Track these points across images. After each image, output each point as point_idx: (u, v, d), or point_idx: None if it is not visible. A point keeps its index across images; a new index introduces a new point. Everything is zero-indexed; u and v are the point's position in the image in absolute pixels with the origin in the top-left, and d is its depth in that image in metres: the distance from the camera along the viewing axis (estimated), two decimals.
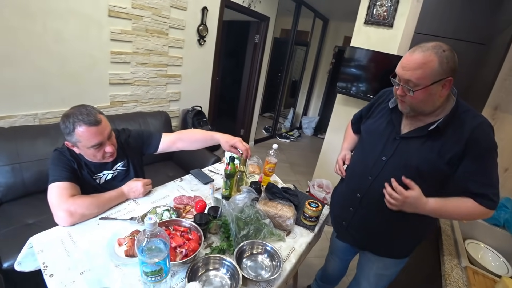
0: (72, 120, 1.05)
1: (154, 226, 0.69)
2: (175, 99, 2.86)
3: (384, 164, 1.05)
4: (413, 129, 1.01)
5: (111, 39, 2.11)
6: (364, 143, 1.20)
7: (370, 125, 1.17)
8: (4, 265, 1.30)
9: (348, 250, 1.44)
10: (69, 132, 1.06)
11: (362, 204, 1.14)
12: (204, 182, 1.52)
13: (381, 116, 1.14)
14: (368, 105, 1.27)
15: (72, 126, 1.05)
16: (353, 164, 1.26)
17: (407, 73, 0.90)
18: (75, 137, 1.07)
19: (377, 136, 1.11)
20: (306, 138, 5.64)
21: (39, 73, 1.83)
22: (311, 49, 5.39)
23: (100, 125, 1.09)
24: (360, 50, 2.55)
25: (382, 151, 1.07)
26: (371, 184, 1.08)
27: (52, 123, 1.94)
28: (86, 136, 1.07)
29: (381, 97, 1.21)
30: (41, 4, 1.72)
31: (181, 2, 2.50)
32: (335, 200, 1.36)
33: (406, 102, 0.96)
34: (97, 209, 1.12)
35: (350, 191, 1.19)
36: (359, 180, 1.14)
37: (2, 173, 1.60)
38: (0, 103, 1.72)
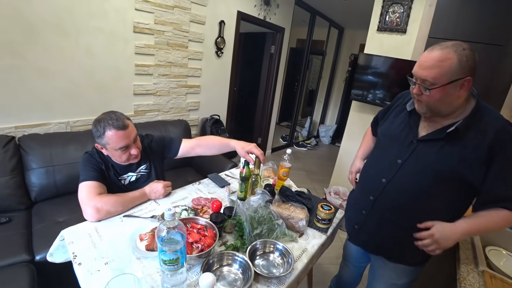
0: (103, 124, 1.16)
1: (173, 217, 0.75)
2: (195, 108, 2.98)
3: (399, 167, 1.03)
4: (431, 132, 0.98)
5: (135, 53, 2.27)
6: (379, 146, 1.20)
7: (386, 128, 1.16)
8: (36, 257, 1.42)
9: (361, 256, 1.41)
10: (99, 135, 1.17)
11: (374, 207, 1.12)
12: (221, 185, 1.58)
13: (398, 118, 1.12)
14: (385, 108, 1.26)
15: (103, 130, 1.16)
16: (367, 166, 1.26)
17: (424, 71, 0.87)
18: (104, 139, 1.17)
19: (393, 138, 1.09)
20: (323, 146, 5.61)
21: (71, 85, 2.00)
22: (327, 58, 5.43)
23: (127, 129, 1.20)
24: (374, 57, 2.57)
25: (397, 154, 1.04)
26: (385, 187, 1.06)
27: (82, 130, 2.10)
28: (114, 139, 1.17)
29: (398, 99, 1.19)
30: (75, 23, 1.90)
31: (200, 17, 2.65)
32: (349, 203, 1.35)
33: (422, 101, 0.93)
34: (122, 207, 1.21)
35: (363, 194, 1.18)
36: (373, 183, 1.12)
37: (38, 175, 1.76)
38: (37, 112, 1.90)
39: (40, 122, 1.93)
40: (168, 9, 2.37)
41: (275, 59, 3.85)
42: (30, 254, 1.42)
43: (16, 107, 1.80)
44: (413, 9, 2.35)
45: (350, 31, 5.33)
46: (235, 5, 2.96)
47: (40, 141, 1.82)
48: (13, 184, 1.68)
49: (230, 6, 2.91)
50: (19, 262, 1.36)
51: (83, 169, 1.23)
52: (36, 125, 1.92)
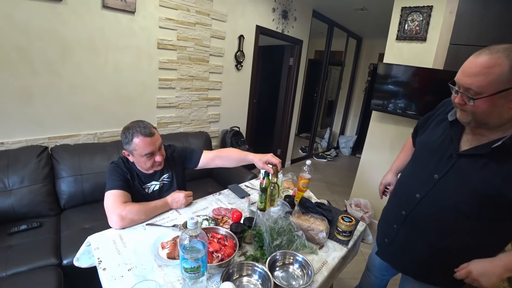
0: (132, 131, 1.24)
1: (196, 225, 0.77)
2: (215, 120, 3.05)
3: (435, 182, 0.95)
4: (474, 146, 0.88)
5: (159, 68, 2.39)
6: (416, 158, 1.12)
7: (425, 138, 1.08)
8: (64, 261, 1.49)
9: (385, 268, 1.34)
10: (127, 142, 1.25)
11: (406, 223, 1.05)
12: (241, 196, 1.59)
13: (438, 129, 1.03)
14: (425, 117, 1.17)
15: (131, 136, 1.24)
16: (402, 179, 1.19)
17: (468, 79, 0.77)
18: (132, 145, 1.24)
19: (431, 151, 1.00)
20: (343, 157, 5.51)
21: (99, 98, 2.12)
22: (346, 68, 5.41)
23: (153, 136, 1.27)
24: (394, 66, 2.53)
25: (434, 168, 0.96)
26: (419, 202, 0.99)
27: (108, 141, 2.21)
28: (141, 145, 1.24)
29: (440, 107, 1.10)
30: (105, 41, 2.04)
31: (220, 32, 2.74)
32: (382, 215, 1.30)
33: (466, 111, 0.83)
34: (144, 215, 1.24)
35: (395, 207, 1.12)
36: (406, 197, 1.05)
37: (67, 183, 1.86)
38: (68, 124, 2.03)
39: (71, 134, 2.06)
40: (190, 26, 2.48)
41: (294, 71, 3.88)
42: (58, 258, 1.49)
43: (50, 120, 1.94)
44: (433, 16, 2.31)
45: (368, 41, 5.30)
46: (254, 20, 3.05)
47: (70, 151, 1.93)
48: (45, 192, 1.78)
49: (249, 21, 3.00)
50: (48, 266, 1.42)
51: (109, 178, 1.29)
52: (67, 136, 2.04)
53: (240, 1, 2.84)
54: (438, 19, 2.29)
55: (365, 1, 3.22)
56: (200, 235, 0.79)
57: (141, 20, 2.17)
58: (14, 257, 1.42)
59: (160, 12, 2.27)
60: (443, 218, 0.94)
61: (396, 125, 2.68)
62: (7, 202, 1.64)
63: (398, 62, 2.53)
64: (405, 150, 1.38)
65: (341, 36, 4.74)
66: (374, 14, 3.60)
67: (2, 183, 1.65)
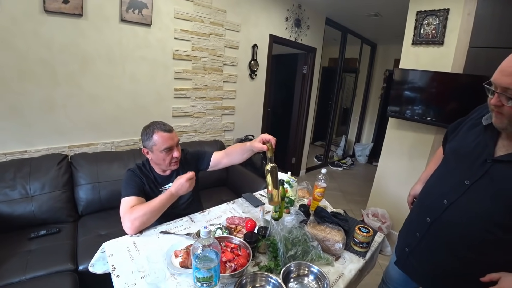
0: (152, 128, 1.32)
1: (209, 234, 0.76)
2: (230, 129, 3.07)
3: (466, 189, 0.89)
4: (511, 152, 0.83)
5: (174, 78, 2.44)
6: (446, 163, 1.06)
7: (457, 143, 1.02)
8: (80, 267, 1.51)
9: (404, 281, 1.25)
10: (148, 138, 1.31)
11: (431, 231, 0.99)
12: (255, 205, 1.57)
13: (471, 133, 0.98)
14: (457, 122, 1.12)
15: (152, 132, 1.31)
16: (428, 184, 1.12)
17: (507, 78, 0.73)
18: (152, 141, 1.30)
19: (462, 156, 0.95)
20: (359, 166, 5.38)
21: (117, 108, 2.18)
22: (361, 75, 5.34)
23: (172, 132, 1.35)
24: (410, 72, 2.47)
25: (466, 174, 0.90)
26: (446, 209, 0.93)
27: (125, 150, 2.26)
28: (161, 140, 1.30)
29: (474, 112, 1.05)
30: (122, 53, 2.11)
31: (234, 42, 2.78)
32: (404, 225, 1.23)
33: (504, 114, 0.79)
34: (151, 213, 1.20)
35: (419, 214, 1.06)
36: (432, 203, 0.99)
37: (85, 190, 1.91)
38: (87, 133, 2.10)
39: (89, 142, 2.12)
40: (204, 36, 2.53)
41: (308, 79, 3.87)
42: (74, 263, 1.52)
43: (70, 129, 2.01)
44: (450, 19, 2.24)
45: (383, 47, 5.23)
46: (267, 29, 3.08)
47: (89, 160, 1.98)
48: (64, 198, 1.84)
49: (262, 30, 3.03)
50: (64, 271, 1.45)
51: (124, 186, 1.31)
52: (86, 145, 2.10)
53: (253, 11, 2.88)
54: (456, 22, 2.22)
55: (378, 6, 3.19)
56: (213, 244, 0.78)
57: (157, 32, 2.24)
58: (33, 261, 1.46)
59: (175, 24, 2.33)
60: (472, 227, 0.88)
61: (414, 131, 2.60)
62: (28, 208, 1.70)
63: (415, 67, 2.47)
64: (436, 159, 1.29)
65: (355, 43, 4.71)
66: (388, 19, 3.55)
67: (24, 189, 1.71)
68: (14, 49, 1.70)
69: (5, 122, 1.76)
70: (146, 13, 2.13)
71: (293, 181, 1.49)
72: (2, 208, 1.64)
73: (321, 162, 5.01)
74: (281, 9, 3.15)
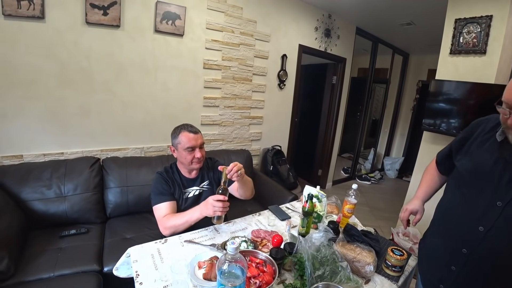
0: (180, 128, 1.43)
1: (236, 250, 0.72)
2: (257, 139, 3.06)
3: (500, 211, 0.83)
4: None
5: (204, 87, 2.48)
6: (463, 183, 0.98)
7: (471, 162, 0.96)
8: (104, 269, 1.54)
9: None
10: (175, 136, 1.42)
11: (470, 263, 0.89)
12: (281, 218, 1.52)
13: (485, 151, 0.93)
14: (459, 140, 1.07)
15: (179, 132, 1.42)
16: (451, 210, 1.03)
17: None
18: (178, 139, 1.41)
19: (484, 175, 0.89)
20: (389, 180, 5.13)
21: (147, 115, 2.25)
22: (392, 86, 5.13)
23: (197, 134, 1.44)
24: (447, 83, 2.31)
25: (495, 195, 0.85)
26: (485, 236, 0.85)
27: (153, 155, 2.31)
28: (185, 140, 1.39)
29: (477, 127, 1.01)
30: (155, 62, 2.18)
31: (263, 52, 2.79)
32: (425, 251, 1.13)
33: None
34: (181, 226, 1.29)
35: (450, 244, 0.96)
36: (465, 231, 0.91)
37: (114, 193, 1.96)
38: (119, 138, 2.17)
39: (121, 147, 2.19)
40: (235, 46, 2.56)
41: (337, 90, 3.78)
42: (99, 264, 1.55)
43: (103, 133, 2.10)
44: (493, 27, 2.08)
45: (416, 57, 5.00)
46: (297, 39, 3.06)
47: (119, 164, 2.05)
48: (94, 200, 1.90)
49: (292, 40, 3.02)
50: (90, 271, 1.48)
51: (154, 191, 1.40)
52: (117, 149, 2.18)
53: (283, 22, 2.88)
54: (500, 29, 2.06)
55: (412, 15, 3.07)
56: (239, 261, 0.74)
57: (189, 42, 2.30)
58: (62, 259, 1.51)
59: (207, 34, 2.38)
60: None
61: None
62: (61, 207, 1.78)
63: (453, 78, 2.32)
64: (430, 176, 1.25)
65: (386, 52, 4.56)
66: (422, 28, 3.40)
67: (59, 189, 1.79)
68: (57, 58, 1.82)
69: (46, 125, 1.88)
70: (179, 24, 2.20)
71: (322, 195, 1.43)
72: (38, 206, 1.72)
73: (348, 175, 4.83)
74: (311, 19, 3.13)
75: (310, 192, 1.36)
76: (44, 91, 1.83)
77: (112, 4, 1.89)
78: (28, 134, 1.84)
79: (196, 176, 1.52)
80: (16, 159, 1.83)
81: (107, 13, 1.89)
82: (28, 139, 1.85)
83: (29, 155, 1.87)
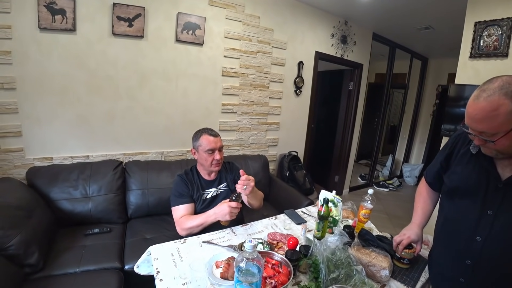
0: (201, 131, 1.51)
1: (254, 248, 0.76)
2: (273, 145, 3.09)
3: (492, 219, 0.85)
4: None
5: (222, 94, 2.56)
6: (456, 197, 0.98)
7: (457, 177, 0.97)
8: (126, 266, 1.61)
9: None
10: (196, 139, 1.50)
11: (476, 274, 0.90)
12: (297, 222, 1.54)
13: (465, 164, 0.95)
14: (444, 156, 1.06)
15: (200, 134, 1.49)
16: (444, 225, 1.04)
17: (479, 125, 0.76)
18: (199, 142, 1.48)
19: (471, 187, 0.91)
20: (407, 188, 4.99)
21: (168, 121, 2.34)
22: (410, 91, 5.02)
23: (217, 138, 1.51)
24: (468, 87, 2.26)
25: (484, 204, 0.87)
26: (483, 246, 0.86)
27: (173, 160, 2.39)
28: (205, 142, 1.47)
29: (455, 143, 1.02)
30: (176, 70, 2.28)
31: (280, 59, 2.84)
32: (434, 267, 1.13)
33: (489, 148, 0.81)
34: (196, 228, 1.36)
35: (454, 257, 0.97)
36: (464, 243, 0.92)
37: (135, 195, 2.05)
38: (141, 143, 2.27)
39: (142, 151, 2.29)
40: (252, 54, 2.63)
41: (354, 96, 3.76)
42: (121, 262, 1.62)
43: (126, 138, 2.21)
44: None
45: (435, 61, 4.89)
46: (313, 46, 3.09)
47: (141, 167, 2.14)
48: (117, 201, 1.99)
49: (308, 47, 3.05)
50: (112, 268, 1.56)
51: (174, 193, 1.48)
52: (139, 153, 2.28)
53: (300, 29, 2.92)
54: None
55: (430, 19, 3.03)
56: (256, 259, 0.77)
57: (208, 50, 2.39)
58: (87, 256, 1.60)
59: (225, 43, 2.46)
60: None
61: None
62: (86, 207, 1.88)
63: (473, 82, 2.26)
64: (423, 198, 1.22)
65: (404, 57, 4.48)
66: (441, 32, 3.34)
67: (85, 190, 1.90)
68: (86, 67, 1.95)
69: (75, 129, 2.01)
70: (199, 34, 2.29)
71: (337, 200, 1.43)
72: (66, 205, 1.83)
73: (365, 182, 4.75)
74: (327, 26, 3.15)
75: (326, 197, 1.37)
76: (74, 98, 1.96)
77: (137, 16, 2.01)
78: (59, 138, 1.97)
79: (214, 178, 1.58)
80: (47, 161, 1.96)
81: (132, 24, 2.01)
82: (58, 143, 1.98)
83: (58, 157, 2.00)
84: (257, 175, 2.56)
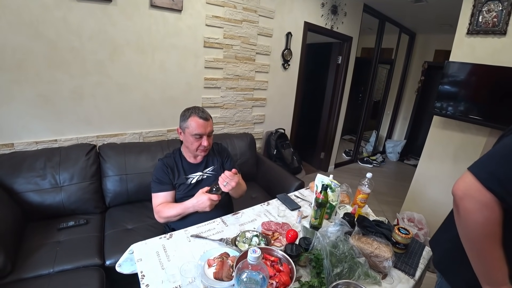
0: (191, 111, 1.35)
1: (258, 260, 0.64)
2: (260, 122, 2.94)
3: None
4: None
5: (205, 67, 2.33)
6: None
7: None
8: (106, 262, 1.47)
9: None
10: (184, 119, 1.35)
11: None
12: (291, 208, 1.45)
13: None
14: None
15: (189, 115, 1.34)
16: None
17: None
18: (187, 123, 1.34)
19: None
20: (390, 163, 5.09)
21: (145, 98, 2.11)
22: (396, 67, 4.96)
23: (207, 121, 1.36)
24: (464, 65, 2.18)
25: None
26: None
27: (153, 141, 2.19)
28: (194, 125, 1.32)
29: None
30: (152, 41, 2.02)
31: (267, 29, 2.61)
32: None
33: None
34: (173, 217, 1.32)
35: None
36: None
37: (113, 182, 1.87)
38: (116, 123, 2.04)
39: (118, 132, 2.07)
40: (237, 23, 2.39)
41: (342, 71, 3.62)
42: (101, 258, 1.48)
43: (98, 118, 1.97)
44: None
45: (423, 36, 4.79)
46: (302, 16, 2.87)
47: (117, 150, 1.93)
48: (92, 189, 1.80)
49: (297, 17, 2.83)
50: (91, 265, 1.41)
51: (153, 179, 1.39)
52: (114, 135, 2.06)
53: None
54: None
55: None
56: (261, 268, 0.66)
57: (188, 18, 2.12)
58: (62, 253, 1.43)
59: (207, 9, 2.20)
60: None
61: (462, 132, 2.34)
62: (57, 198, 1.68)
63: (469, 60, 2.19)
64: (499, 240, 0.74)
65: (392, 31, 4.35)
66: (434, 6, 3.20)
67: (54, 179, 1.69)
68: (45, 38, 1.66)
69: (37, 110, 1.74)
70: None
71: (335, 185, 1.35)
72: (33, 197, 1.62)
73: (350, 158, 4.77)
74: None
75: (323, 182, 1.28)
76: (33, 74, 1.67)
77: None
78: (19, 121, 1.71)
79: (200, 162, 1.48)
80: (7, 148, 1.71)
81: None
82: (19, 127, 1.72)
83: (20, 143, 1.75)
84: (243, 155, 2.44)
